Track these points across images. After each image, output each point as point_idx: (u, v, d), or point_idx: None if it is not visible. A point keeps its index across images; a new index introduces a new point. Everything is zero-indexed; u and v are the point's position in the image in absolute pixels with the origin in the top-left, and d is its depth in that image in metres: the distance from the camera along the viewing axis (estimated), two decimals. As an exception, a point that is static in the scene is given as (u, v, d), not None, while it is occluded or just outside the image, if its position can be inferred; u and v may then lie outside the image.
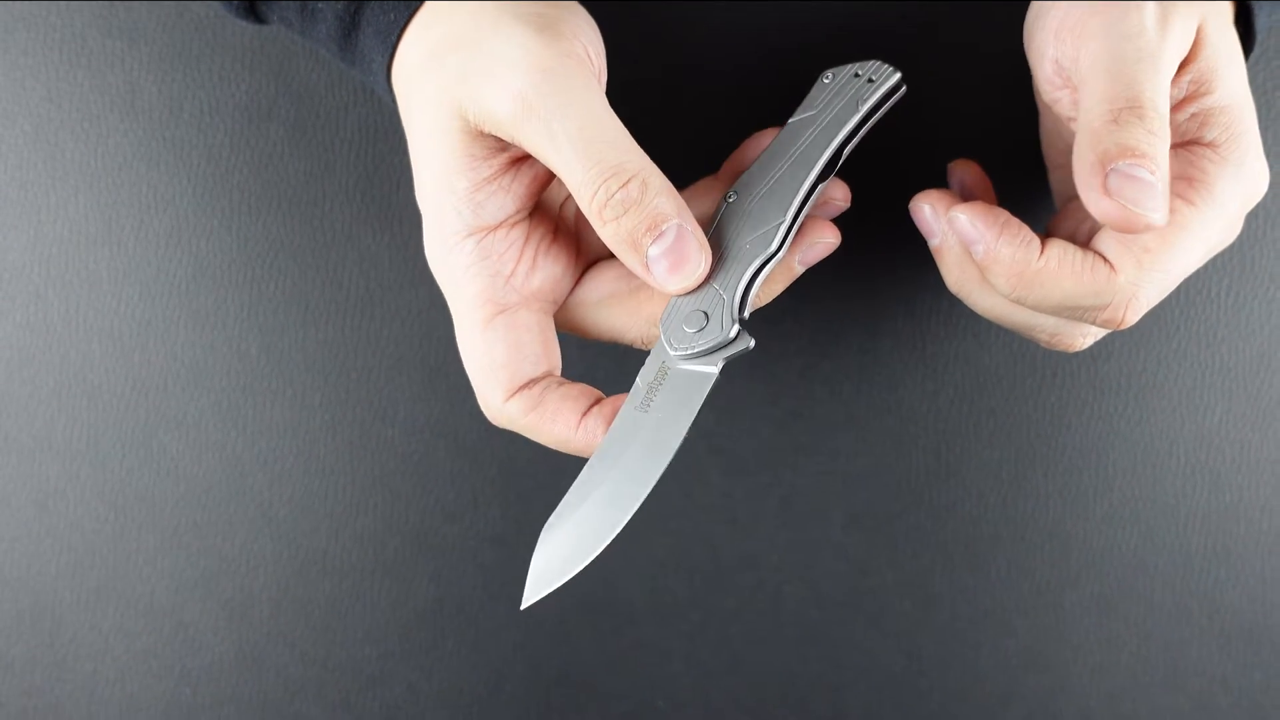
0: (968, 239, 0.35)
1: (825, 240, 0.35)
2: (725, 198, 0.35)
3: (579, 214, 0.35)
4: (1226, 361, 0.44)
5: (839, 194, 0.36)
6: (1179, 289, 0.43)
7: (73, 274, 0.44)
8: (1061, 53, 0.33)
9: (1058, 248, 0.34)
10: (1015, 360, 0.44)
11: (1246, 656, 0.46)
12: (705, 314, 0.33)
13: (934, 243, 0.37)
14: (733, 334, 0.32)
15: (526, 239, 0.33)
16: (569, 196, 0.35)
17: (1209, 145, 0.33)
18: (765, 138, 0.37)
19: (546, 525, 0.33)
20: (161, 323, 0.44)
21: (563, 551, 0.32)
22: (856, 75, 0.35)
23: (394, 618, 0.45)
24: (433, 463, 0.44)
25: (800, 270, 0.35)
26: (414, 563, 0.45)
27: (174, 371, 0.44)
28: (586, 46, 0.32)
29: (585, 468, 0.33)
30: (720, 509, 0.45)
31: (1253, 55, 0.36)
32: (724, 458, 0.44)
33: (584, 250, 0.35)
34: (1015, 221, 0.34)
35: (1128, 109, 0.30)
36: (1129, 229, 0.30)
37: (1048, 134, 0.40)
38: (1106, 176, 0.29)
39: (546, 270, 0.34)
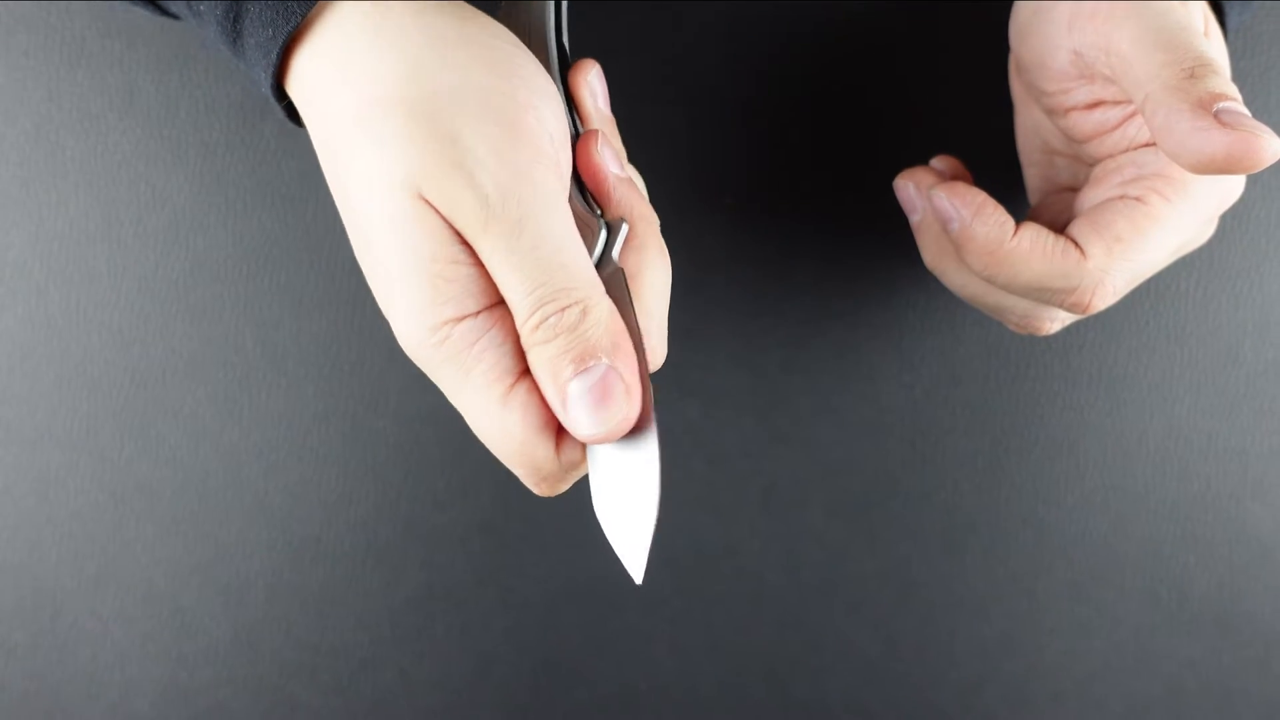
0: (945, 216, 0.35)
1: (591, 73, 0.33)
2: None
3: None
4: (1195, 355, 0.44)
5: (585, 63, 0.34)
6: (1149, 284, 0.43)
7: (73, 269, 0.43)
8: (1082, 41, 0.33)
9: (1030, 230, 0.34)
10: (990, 353, 0.44)
11: (1215, 641, 0.46)
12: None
13: (914, 219, 0.37)
14: (603, 231, 0.30)
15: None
16: None
17: None
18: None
19: (596, 508, 0.30)
20: (159, 316, 0.44)
21: (630, 513, 0.30)
22: None
23: (385, 603, 0.45)
24: (423, 452, 0.44)
25: (601, 108, 0.33)
26: (405, 550, 0.45)
27: (171, 364, 0.44)
28: (552, 136, 0.30)
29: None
30: (702, 498, 0.45)
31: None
32: (706, 448, 0.44)
33: None
34: (991, 202, 0.35)
35: (1199, 66, 0.30)
36: (1249, 160, 0.28)
37: (1024, 131, 0.40)
38: (1217, 114, 0.29)
39: None
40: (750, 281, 0.44)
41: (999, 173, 0.42)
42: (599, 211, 0.31)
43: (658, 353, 0.31)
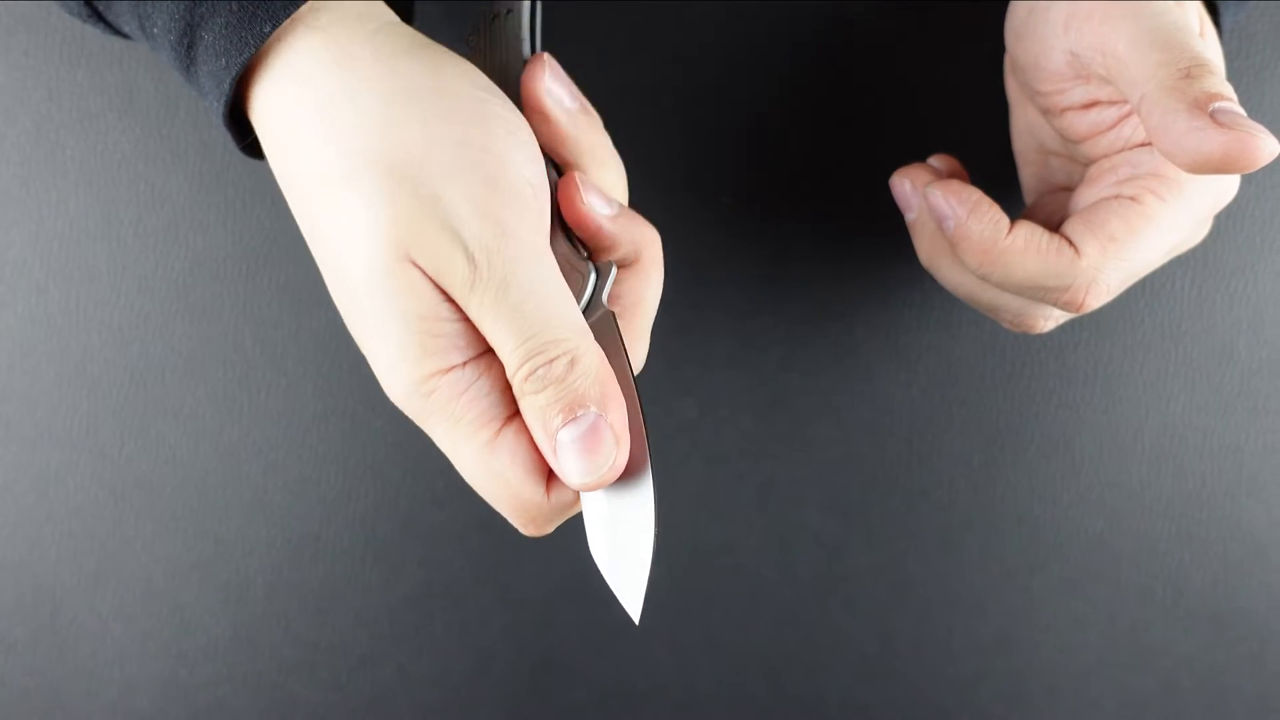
0: (940, 214, 0.35)
1: (545, 77, 0.33)
2: None
3: None
4: (1189, 353, 0.44)
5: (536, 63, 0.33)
6: (1144, 282, 0.43)
7: (73, 267, 0.43)
8: (1079, 43, 0.33)
9: (1025, 228, 0.34)
10: (985, 352, 0.44)
11: (1210, 637, 0.46)
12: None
13: (909, 216, 0.37)
14: (592, 275, 0.31)
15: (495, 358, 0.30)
16: None
17: None
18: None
19: (593, 549, 0.30)
20: (159, 315, 0.44)
21: (626, 553, 0.30)
22: (495, 17, 0.33)
23: (384, 601, 0.45)
24: (421, 451, 0.44)
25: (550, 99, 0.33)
26: (403, 548, 0.45)
27: (171, 362, 0.44)
28: (532, 184, 0.29)
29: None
30: (701, 496, 0.45)
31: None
32: (704, 446, 0.44)
33: None
34: (987, 201, 0.35)
35: (1195, 66, 0.30)
36: (1245, 159, 0.29)
37: (1019, 131, 0.40)
38: (1213, 114, 0.29)
39: None
40: (748, 281, 0.44)
41: (995, 172, 0.42)
42: (585, 254, 0.31)
43: (639, 358, 0.31)
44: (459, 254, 0.27)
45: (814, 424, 0.45)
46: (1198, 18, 0.34)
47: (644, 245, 0.32)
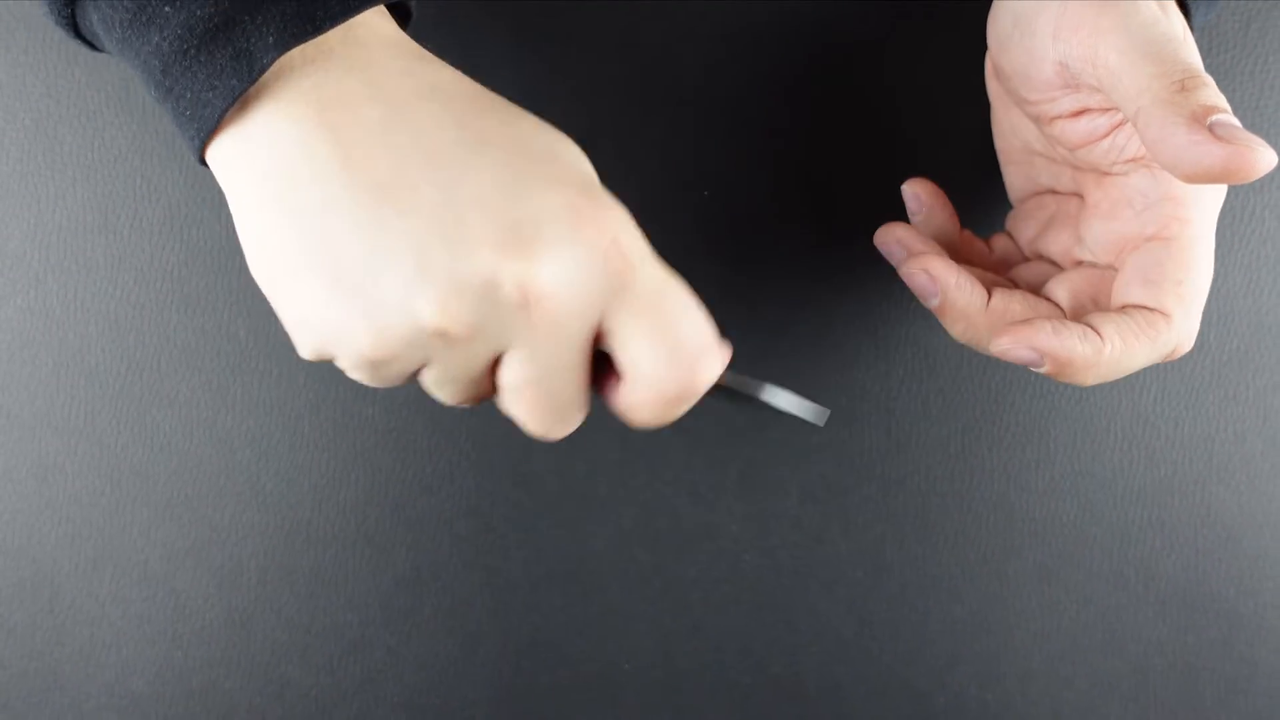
0: (1030, 363, 0.34)
1: None
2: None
3: None
4: None
5: None
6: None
7: (71, 260, 0.44)
8: (1068, 53, 0.33)
9: (1110, 325, 0.33)
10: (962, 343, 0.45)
11: (1181, 621, 0.46)
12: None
13: (933, 303, 0.36)
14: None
15: None
16: None
17: None
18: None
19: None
20: (155, 306, 0.44)
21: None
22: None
23: (374, 585, 0.45)
24: (411, 438, 0.45)
25: None
26: (393, 533, 0.45)
27: (167, 353, 0.44)
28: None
29: None
30: (682, 482, 0.45)
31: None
32: (685, 434, 0.45)
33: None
34: (1061, 325, 0.33)
35: (1188, 78, 0.30)
36: (1245, 171, 0.29)
37: (1003, 132, 0.39)
38: (1211, 128, 0.29)
39: None
40: (726, 272, 0.44)
41: (980, 171, 0.42)
42: None
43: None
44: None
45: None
46: (1181, 25, 0.34)
47: None
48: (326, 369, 0.44)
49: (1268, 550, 0.46)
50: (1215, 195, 0.34)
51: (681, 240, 0.44)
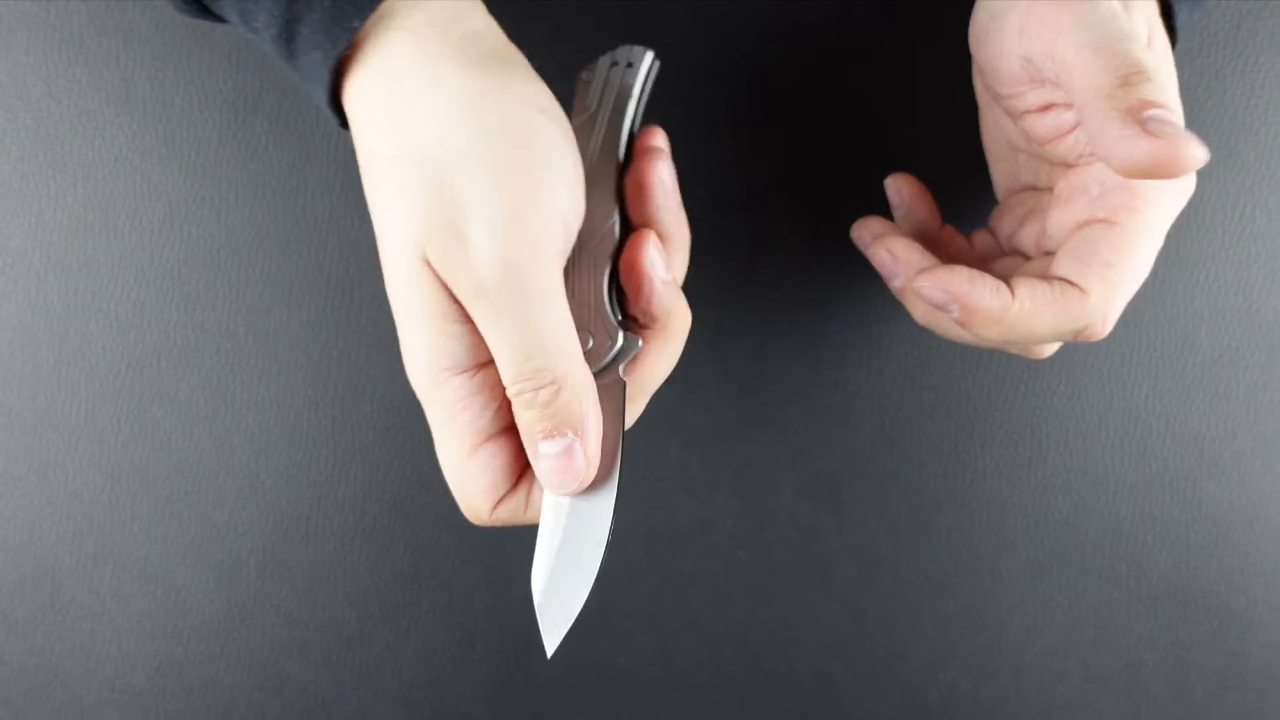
0: (939, 303, 0.35)
1: (654, 145, 0.34)
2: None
3: None
4: (1153, 342, 0.45)
5: (656, 140, 0.35)
6: None
7: (71, 259, 0.44)
8: (1031, 49, 0.34)
9: (1026, 287, 0.34)
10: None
11: (1171, 616, 0.46)
12: (589, 333, 0.32)
13: (895, 284, 0.37)
14: (620, 343, 0.32)
15: None
16: None
17: None
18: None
19: (533, 575, 0.32)
20: (155, 304, 0.44)
21: (564, 589, 0.32)
22: (614, 64, 0.35)
23: (373, 581, 0.46)
24: (409, 435, 0.45)
25: (664, 181, 0.34)
26: (391, 529, 0.45)
27: (166, 350, 0.44)
28: (565, 220, 0.30)
29: (547, 499, 0.32)
30: (678, 479, 0.45)
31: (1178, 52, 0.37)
32: (681, 431, 0.45)
33: None
34: (979, 276, 0.34)
35: (1133, 74, 0.30)
36: (1172, 167, 0.29)
37: (989, 129, 0.40)
38: (1144, 122, 0.29)
39: None
40: (722, 270, 0.44)
41: (972, 168, 0.42)
42: (619, 318, 0.33)
43: (632, 417, 0.33)
44: (466, 266, 0.29)
45: (787, 409, 0.45)
46: (1146, 23, 0.34)
47: (676, 318, 0.34)
48: (325, 367, 0.45)
49: (1258, 546, 0.46)
50: (1172, 192, 0.34)
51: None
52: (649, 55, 0.35)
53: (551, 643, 0.31)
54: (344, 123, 0.33)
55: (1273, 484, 0.46)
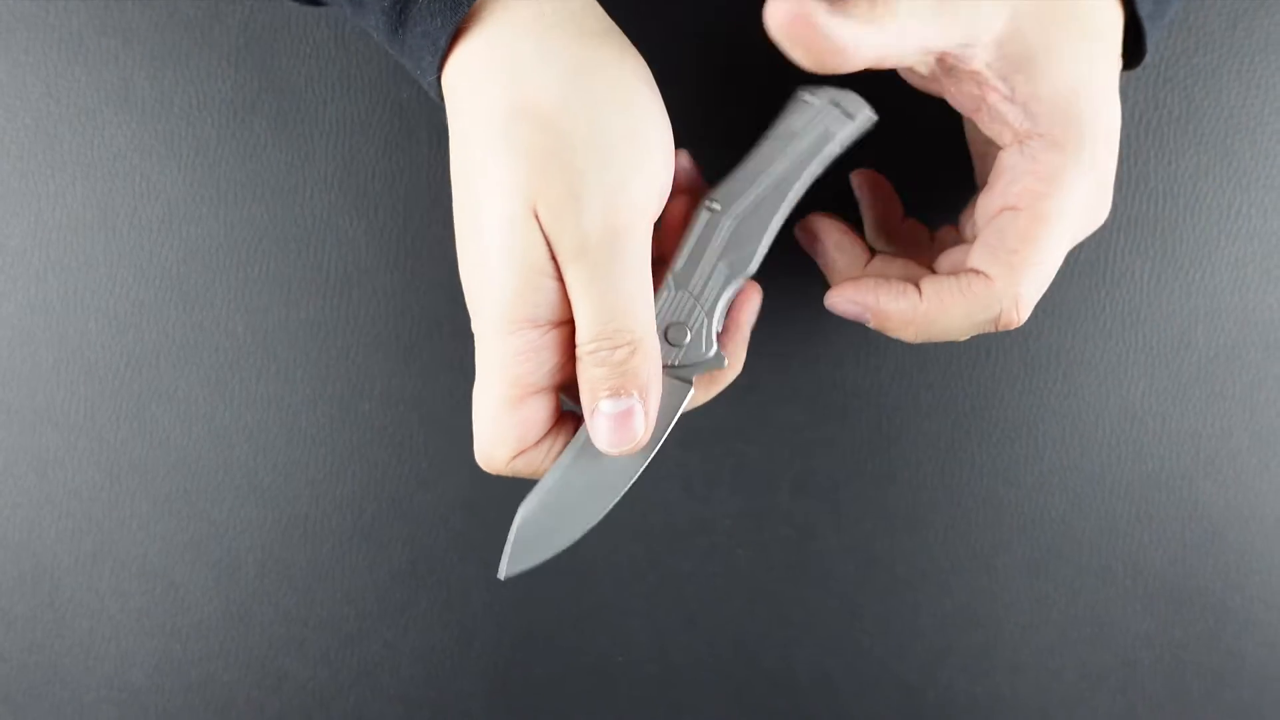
0: (854, 315, 0.36)
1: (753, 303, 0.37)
2: (706, 203, 0.35)
3: None
4: (1149, 340, 0.45)
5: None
6: (1104, 271, 0.44)
7: (71, 258, 0.44)
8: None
9: (930, 285, 0.35)
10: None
11: (1168, 615, 0.46)
12: (687, 329, 0.34)
13: (820, 261, 0.39)
14: (710, 354, 0.34)
15: (573, 336, 0.33)
16: None
17: (1042, 136, 0.33)
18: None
19: (525, 501, 0.33)
20: (154, 303, 0.44)
21: (541, 531, 0.33)
22: (834, 104, 0.35)
23: (371, 579, 0.46)
24: (407, 434, 0.45)
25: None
26: (389, 527, 0.45)
27: (165, 349, 0.44)
28: (661, 192, 0.32)
29: (568, 452, 0.33)
30: (676, 477, 0.45)
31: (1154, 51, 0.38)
32: (679, 430, 0.45)
33: None
34: (883, 283, 0.36)
35: None
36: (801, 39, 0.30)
37: (969, 125, 0.40)
38: None
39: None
40: (719, 268, 0.44)
41: (962, 163, 0.42)
42: (716, 334, 0.35)
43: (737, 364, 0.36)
44: (574, 225, 0.30)
45: (785, 408, 0.45)
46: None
47: (734, 368, 0.37)
48: (323, 366, 0.45)
49: (1254, 544, 0.46)
50: (1083, 178, 0.34)
51: (674, 238, 0.44)
52: (867, 111, 0.35)
53: (508, 568, 0.33)
54: (439, 95, 0.34)
55: (1268, 482, 0.46)
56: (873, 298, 0.36)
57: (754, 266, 0.34)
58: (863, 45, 0.31)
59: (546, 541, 0.33)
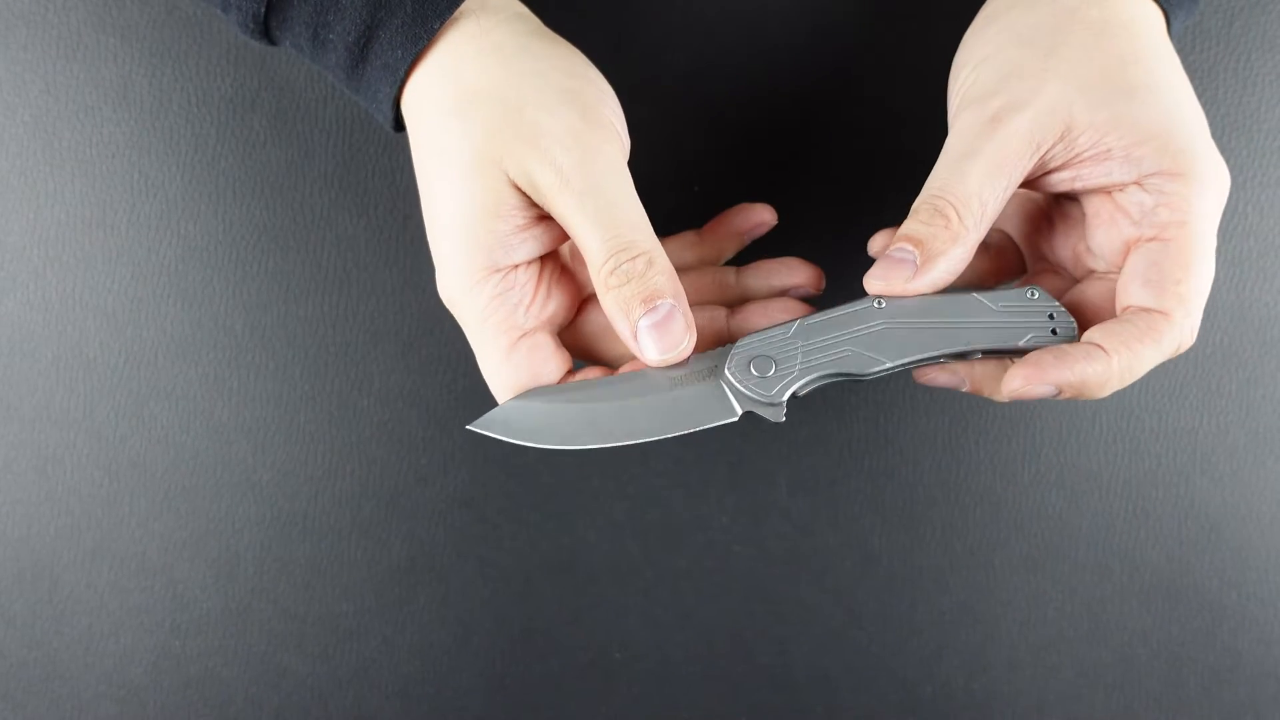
0: (1047, 395, 0.34)
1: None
2: (874, 299, 0.34)
3: (575, 252, 0.37)
4: None
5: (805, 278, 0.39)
6: None
7: (70, 255, 0.44)
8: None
9: (1108, 337, 0.33)
10: (948, 336, 0.45)
11: (1164, 611, 0.47)
12: (774, 364, 0.33)
13: (966, 388, 0.37)
14: (777, 401, 0.33)
15: (541, 272, 0.35)
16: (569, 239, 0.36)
17: (1158, 175, 0.33)
18: (754, 211, 0.39)
19: (534, 390, 0.33)
20: (152, 300, 0.44)
21: (528, 419, 0.33)
22: (1050, 317, 0.34)
23: (369, 575, 0.46)
24: (405, 430, 0.45)
25: None
26: (388, 524, 0.45)
27: (164, 346, 0.44)
28: (616, 125, 0.34)
29: (598, 381, 0.34)
30: (673, 474, 0.45)
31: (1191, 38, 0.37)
32: None
33: (581, 283, 0.37)
34: (1062, 352, 0.33)
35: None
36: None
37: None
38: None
39: (556, 299, 0.35)
40: (717, 266, 0.44)
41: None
42: (785, 404, 0.34)
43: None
44: (548, 166, 0.32)
45: None
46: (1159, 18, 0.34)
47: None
48: (322, 363, 0.45)
49: (1250, 541, 0.46)
50: (1212, 194, 0.34)
51: (672, 234, 0.44)
52: (1073, 332, 0.34)
53: (478, 423, 0.34)
54: (398, 124, 0.36)
55: (1264, 479, 0.46)
56: (1067, 373, 0.33)
57: (870, 376, 0.34)
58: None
59: (529, 429, 0.33)
